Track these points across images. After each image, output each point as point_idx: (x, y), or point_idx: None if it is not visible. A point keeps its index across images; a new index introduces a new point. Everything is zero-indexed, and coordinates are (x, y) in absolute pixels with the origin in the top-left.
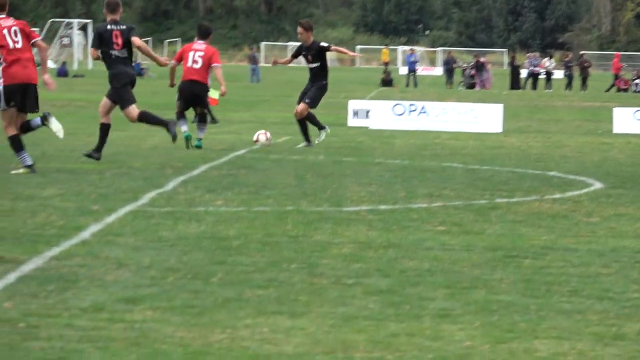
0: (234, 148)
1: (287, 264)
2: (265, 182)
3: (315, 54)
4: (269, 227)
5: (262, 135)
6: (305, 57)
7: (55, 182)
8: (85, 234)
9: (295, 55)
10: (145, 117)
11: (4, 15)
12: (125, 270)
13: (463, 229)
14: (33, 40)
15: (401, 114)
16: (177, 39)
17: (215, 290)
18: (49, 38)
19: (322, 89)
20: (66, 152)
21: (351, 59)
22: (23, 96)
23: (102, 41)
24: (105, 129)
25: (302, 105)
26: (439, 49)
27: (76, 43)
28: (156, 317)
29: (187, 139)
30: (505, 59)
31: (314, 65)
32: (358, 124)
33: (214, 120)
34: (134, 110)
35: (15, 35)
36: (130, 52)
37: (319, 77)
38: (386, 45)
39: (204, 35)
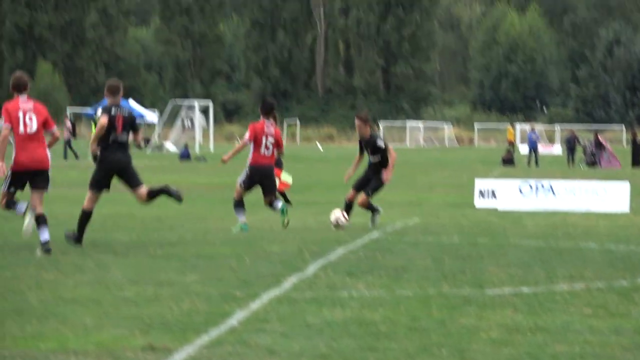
0: (366, 230)
1: (437, 349)
2: (404, 265)
3: (373, 148)
4: (413, 311)
5: (342, 218)
6: (366, 150)
7: (195, 267)
8: (233, 321)
9: (362, 151)
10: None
11: (24, 97)
12: (276, 358)
13: (608, 311)
14: (50, 130)
15: (528, 193)
16: (295, 119)
17: None
18: (171, 119)
19: (383, 182)
20: (202, 236)
21: (469, 138)
22: (33, 178)
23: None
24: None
25: (363, 197)
26: (557, 126)
27: (197, 125)
28: None
29: (243, 230)
30: (624, 136)
31: (375, 158)
32: (485, 204)
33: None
34: (88, 196)
35: (30, 120)
36: (127, 137)
37: (379, 170)
38: (510, 123)
39: (267, 111)
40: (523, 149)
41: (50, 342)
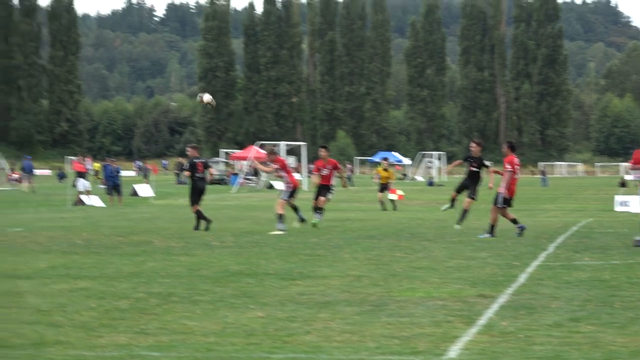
0: (567, 226)
1: None
2: (604, 245)
3: (480, 164)
4: (626, 273)
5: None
6: (471, 163)
7: (482, 248)
8: (521, 279)
9: (464, 160)
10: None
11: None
12: (559, 301)
13: None
14: (337, 172)
15: None
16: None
17: (621, 313)
18: (417, 163)
19: (478, 186)
20: (468, 231)
21: (593, 172)
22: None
23: (192, 167)
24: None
25: (467, 200)
26: None
27: (435, 166)
28: (595, 330)
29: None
30: None
31: (476, 169)
32: (621, 209)
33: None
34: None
35: (324, 167)
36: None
37: (477, 178)
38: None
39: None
40: (627, 177)
41: (420, 293)
